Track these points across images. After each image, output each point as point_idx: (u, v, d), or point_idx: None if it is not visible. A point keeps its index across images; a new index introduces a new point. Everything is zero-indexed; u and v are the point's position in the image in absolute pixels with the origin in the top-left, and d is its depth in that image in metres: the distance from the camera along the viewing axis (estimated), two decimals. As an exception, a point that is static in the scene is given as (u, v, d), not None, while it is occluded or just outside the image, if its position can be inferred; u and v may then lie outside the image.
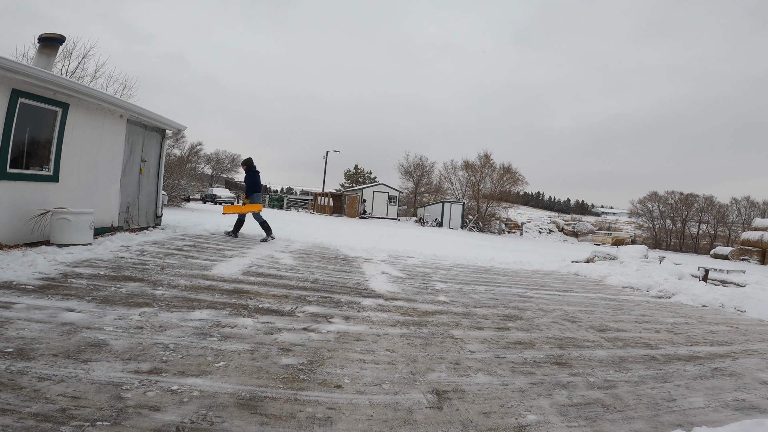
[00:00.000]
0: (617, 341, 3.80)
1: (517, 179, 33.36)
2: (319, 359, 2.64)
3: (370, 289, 4.91)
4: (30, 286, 3.44)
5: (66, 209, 5.27)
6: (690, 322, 5.02)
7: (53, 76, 5.27)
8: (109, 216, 6.91)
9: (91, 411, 1.78)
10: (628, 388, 2.70)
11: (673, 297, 6.70)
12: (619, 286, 7.59)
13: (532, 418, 2.18)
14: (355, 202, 28.99)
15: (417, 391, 2.35)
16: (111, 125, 6.76)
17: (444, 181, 37.47)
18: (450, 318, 4.01)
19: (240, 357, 2.52)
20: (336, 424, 1.93)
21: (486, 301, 5.01)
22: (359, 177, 47.01)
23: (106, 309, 3.08)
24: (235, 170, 49.53)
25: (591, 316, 4.77)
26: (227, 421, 1.83)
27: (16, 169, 4.98)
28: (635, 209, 35.20)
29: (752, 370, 3.34)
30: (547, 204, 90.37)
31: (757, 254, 23.50)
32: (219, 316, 3.25)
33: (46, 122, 5.46)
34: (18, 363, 2.11)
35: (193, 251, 6.10)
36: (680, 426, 2.22)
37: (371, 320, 3.64)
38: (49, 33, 6.52)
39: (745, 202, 32.09)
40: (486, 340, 3.43)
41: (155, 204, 8.58)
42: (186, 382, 2.14)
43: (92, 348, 2.40)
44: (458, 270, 7.50)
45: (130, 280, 4.03)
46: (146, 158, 8.02)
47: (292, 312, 3.61)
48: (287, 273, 5.32)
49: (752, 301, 6.22)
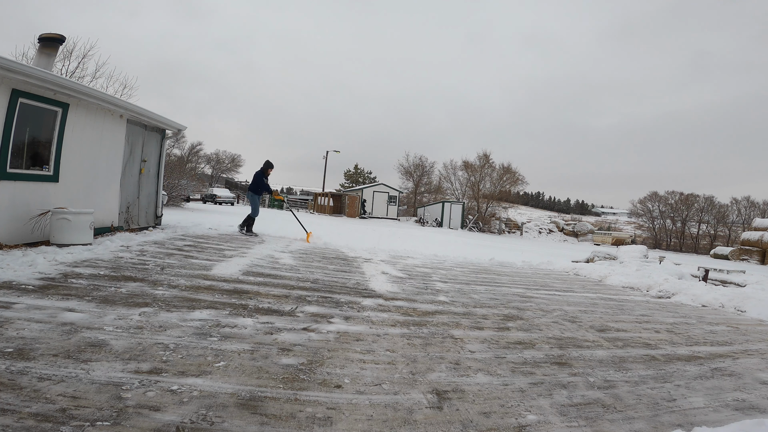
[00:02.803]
0: (617, 341, 3.80)
1: (516, 179, 33.37)
2: (319, 359, 2.64)
3: (370, 289, 4.91)
4: (30, 286, 3.44)
5: (66, 209, 5.27)
6: (690, 322, 5.02)
7: (53, 76, 5.27)
8: (109, 216, 6.91)
9: (91, 411, 1.78)
10: (628, 388, 2.70)
11: (673, 297, 6.70)
12: (619, 286, 7.59)
13: (532, 418, 2.18)
14: (355, 202, 28.99)
15: (417, 391, 2.35)
16: (111, 125, 6.76)
17: (444, 181, 37.47)
18: (450, 318, 4.01)
19: (240, 357, 2.52)
20: (336, 424, 1.93)
21: (486, 301, 5.01)
22: (359, 177, 46.99)
23: (106, 309, 3.07)
24: (235, 170, 49.55)
25: (591, 316, 4.77)
26: (227, 421, 1.83)
27: (16, 169, 4.97)
28: (635, 209, 35.21)
29: (752, 370, 3.34)
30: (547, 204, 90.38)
31: (757, 254, 23.50)
32: (219, 316, 3.25)
33: (46, 122, 5.46)
34: (18, 363, 2.11)
35: (193, 251, 6.10)
36: (680, 426, 2.22)
37: (371, 320, 3.64)
38: (49, 33, 6.53)
39: (745, 202, 32.10)
40: (486, 340, 3.43)
41: (155, 204, 8.58)
42: (186, 382, 2.14)
43: (92, 348, 2.39)
44: (458, 270, 7.50)
45: (130, 280, 4.03)
46: (146, 158, 8.02)
47: (292, 312, 3.61)
48: (287, 273, 5.32)
49: (752, 301, 6.22)
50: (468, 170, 34.40)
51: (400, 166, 40.14)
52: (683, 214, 32.35)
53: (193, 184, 24.66)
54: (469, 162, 34.66)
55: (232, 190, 38.18)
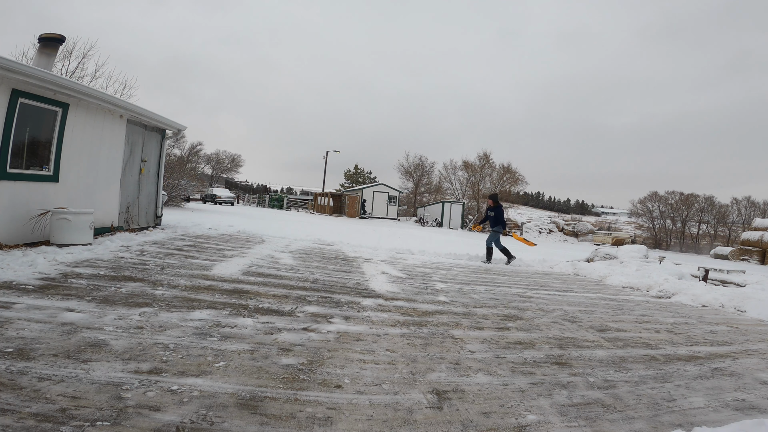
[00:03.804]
0: (617, 341, 3.80)
1: (516, 179, 33.42)
2: (319, 359, 2.64)
3: (370, 289, 4.91)
4: (30, 286, 3.44)
5: (66, 209, 5.27)
6: (690, 322, 5.02)
7: (53, 76, 5.27)
8: (109, 216, 6.91)
9: (91, 411, 1.78)
10: (628, 388, 2.70)
11: (673, 297, 6.70)
12: (619, 286, 7.59)
13: (532, 418, 2.18)
14: (355, 202, 28.99)
15: (417, 391, 2.35)
16: (111, 125, 6.76)
17: (444, 181, 37.52)
18: (450, 318, 4.01)
19: (240, 357, 2.52)
20: (336, 424, 1.93)
21: (486, 301, 5.01)
22: (359, 177, 47.02)
23: (106, 309, 3.07)
24: (235, 170, 49.58)
25: (591, 316, 4.77)
26: (227, 421, 1.83)
27: (16, 169, 4.98)
28: (635, 209, 35.21)
29: (752, 370, 3.33)
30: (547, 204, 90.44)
31: (757, 254, 23.50)
32: (219, 316, 3.25)
33: (46, 122, 5.46)
34: (18, 363, 2.11)
35: (193, 251, 6.10)
36: (680, 426, 2.22)
37: (371, 320, 3.64)
38: (49, 33, 6.53)
39: (746, 202, 32.13)
40: (486, 340, 3.43)
41: (155, 204, 8.58)
42: (186, 382, 2.13)
43: (92, 348, 2.39)
44: (458, 270, 7.50)
45: (130, 280, 4.03)
46: (146, 158, 8.02)
47: (292, 312, 3.60)
48: (287, 273, 5.32)
49: (752, 301, 6.22)
50: (468, 170, 34.43)
51: (400, 166, 40.23)
52: (683, 214, 32.36)
53: (193, 184, 24.67)
54: (469, 162, 34.72)
55: (232, 190, 38.19)
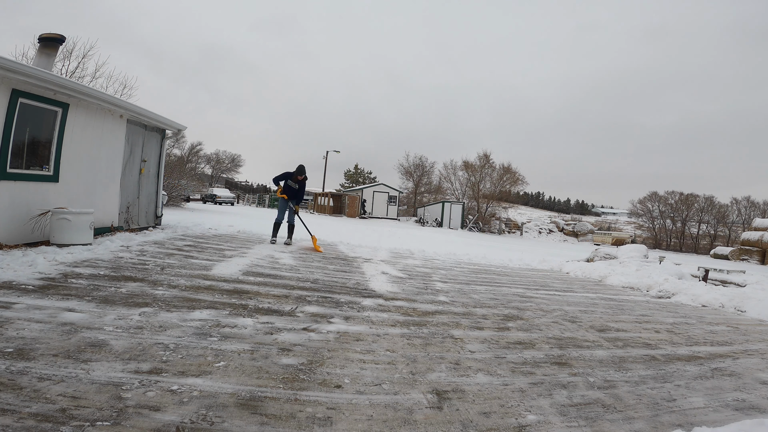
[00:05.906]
0: (617, 341, 3.80)
1: (516, 179, 33.39)
2: (319, 359, 2.64)
3: (370, 289, 4.91)
4: (30, 286, 3.44)
5: (66, 209, 5.27)
6: (690, 322, 5.02)
7: (53, 76, 5.27)
8: (109, 216, 6.91)
9: (91, 411, 1.78)
10: (628, 388, 2.70)
11: (673, 297, 6.70)
12: (619, 286, 7.59)
13: (532, 418, 2.18)
14: (355, 202, 28.99)
15: (417, 391, 2.35)
16: (111, 125, 6.76)
17: (444, 181, 37.51)
18: (450, 318, 4.01)
19: (240, 357, 2.52)
20: (336, 424, 1.93)
21: (486, 301, 5.01)
22: (359, 177, 47.02)
23: (106, 309, 3.07)
24: (235, 170, 49.57)
25: (591, 316, 4.77)
26: (227, 421, 1.83)
27: (16, 169, 4.97)
28: (635, 209, 35.21)
29: (752, 370, 3.34)
30: (547, 204, 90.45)
31: (757, 254, 23.50)
32: (219, 316, 3.25)
33: (46, 122, 5.46)
34: (18, 363, 2.11)
35: (193, 251, 6.10)
36: (680, 426, 2.22)
37: (371, 320, 3.64)
38: (49, 33, 6.53)
39: (746, 202, 32.13)
40: (486, 340, 3.43)
41: (155, 204, 8.58)
42: (186, 382, 2.13)
43: (92, 348, 2.39)
44: (458, 270, 7.50)
45: (130, 280, 4.03)
46: (146, 158, 8.02)
47: (292, 312, 3.60)
48: (287, 273, 5.32)
49: (752, 301, 6.22)
50: (468, 170, 34.42)
51: (400, 166, 40.24)
52: (683, 214, 32.36)
53: (193, 184, 24.66)
54: (469, 162, 34.70)
55: (232, 190, 38.19)
